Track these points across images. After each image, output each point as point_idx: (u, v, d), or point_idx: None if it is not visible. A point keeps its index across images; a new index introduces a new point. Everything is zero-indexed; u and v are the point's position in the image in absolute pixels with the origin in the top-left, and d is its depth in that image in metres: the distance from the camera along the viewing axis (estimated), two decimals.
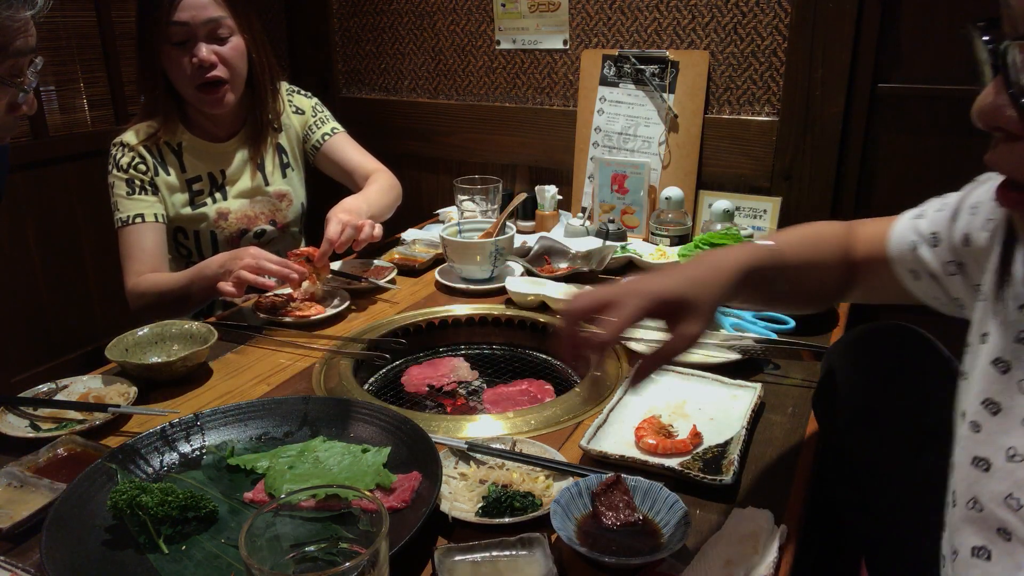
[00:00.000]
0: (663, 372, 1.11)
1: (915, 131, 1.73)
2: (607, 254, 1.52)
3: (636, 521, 0.77)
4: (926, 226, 0.83)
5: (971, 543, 0.63)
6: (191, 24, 1.42)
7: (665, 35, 1.92)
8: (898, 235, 0.87)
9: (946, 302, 0.83)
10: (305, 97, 1.75)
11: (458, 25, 2.22)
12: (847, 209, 1.82)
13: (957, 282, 0.79)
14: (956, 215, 0.79)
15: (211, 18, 1.44)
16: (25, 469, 0.88)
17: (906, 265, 0.86)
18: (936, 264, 0.81)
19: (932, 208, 0.84)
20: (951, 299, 0.82)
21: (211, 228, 1.59)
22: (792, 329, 1.21)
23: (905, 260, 0.86)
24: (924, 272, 0.83)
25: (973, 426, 0.65)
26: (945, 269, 0.80)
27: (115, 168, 1.52)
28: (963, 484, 0.65)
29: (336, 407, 0.98)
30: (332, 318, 1.37)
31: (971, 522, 0.63)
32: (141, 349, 1.19)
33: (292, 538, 0.62)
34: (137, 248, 1.50)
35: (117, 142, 1.54)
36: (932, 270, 0.82)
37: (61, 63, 2.13)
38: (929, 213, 0.84)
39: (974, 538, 0.63)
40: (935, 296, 0.84)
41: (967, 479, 0.65)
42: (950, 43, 1.66)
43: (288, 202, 1.68)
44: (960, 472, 0.66)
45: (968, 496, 0.64)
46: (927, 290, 0.85)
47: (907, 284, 0.87)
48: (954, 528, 0.66)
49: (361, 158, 1.74)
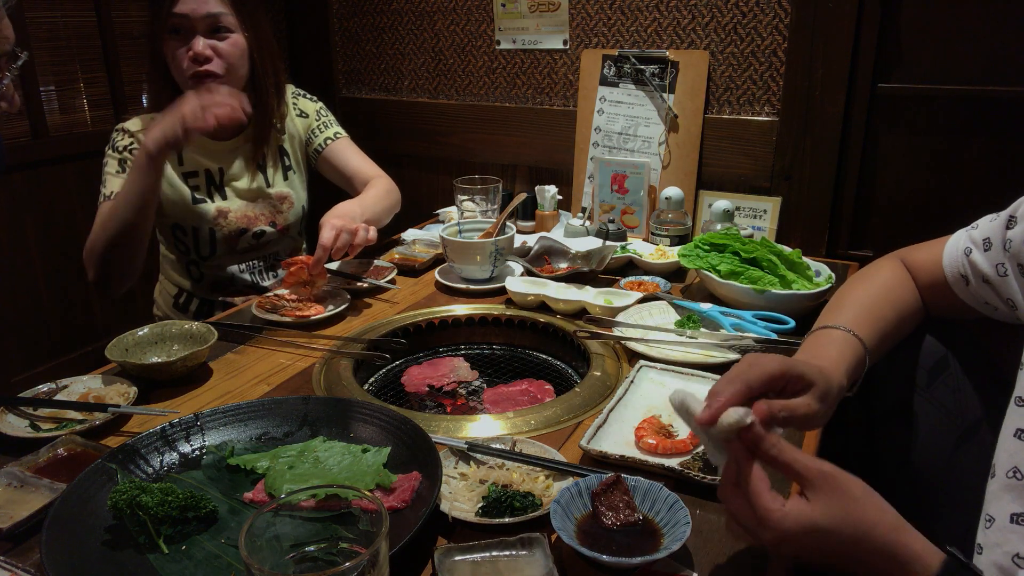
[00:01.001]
0: (664, 372, 1.11)
1: (915, 131, 1.73)
2: (607, 254, 1.52)
3: (636, 521, 0.77)
4: (978, 234, 0.90)
5: (1010, 510, 0.67)
6: (191, 17, 1.43)
7: (665, 35, 1.92)
8: (951, 248, 0.94)
9: (999, 304, 0.88)
10: (310, 101, 1.75)
11: (458, 25, 2.22)
12: (847, 209, 1.82)
13: (1010, 283, 0.85)
14: (1011, 222, 0.85)
15: (211, 13, 1.44)
16: (25, 469, 0.88)
17: (957, 272, 0.92)
18: (988, 267, 0.87)
19: (986, 220, 0.91)
20: (1003, 300, 0.87)
21: (210, 226, 1.59)
22: (792, 329, 1.21)
23: (956, 268, 0.92)
24: (975, 276, 0.89)
25: (1019, 401, 0.70)
26: (997, 271, 0.86)
27: (111, 149, 1.53)
28: (1005, 455, 0.69)
29: (336, 407, 0.98)
30: (332, 318, 1.37)
31: (1011, 490, 0.67)
32: (141, 349, 1.19)
33: (292, 538, 0.62)
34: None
35: (120, 127, 1.55)
36: (984, 272, 0.88)
37: (61, 63, 2.13)
38: (983, 223, 0.91)
39: (1013, 505, 0.67)
40: (986, 300, 0.90)
41: (1009, 450, 0.69)
42: (950, 43, 1.66)
43: (289, 204, 1.68)
44: (1003, 445, 0.70)
45: (1009, 466, 0.68)
46: (979, 294, 0.90)
47: (958, 291, 0.92)
48: (992, 497, 0.70)
49: (361, 163, 1.73)
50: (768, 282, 1.31)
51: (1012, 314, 0.87)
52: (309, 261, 1.37)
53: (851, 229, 1.84)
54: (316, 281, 1.42)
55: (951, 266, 0.92)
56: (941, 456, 0.91)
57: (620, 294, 1.37)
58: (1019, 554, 0.65)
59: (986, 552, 0.69)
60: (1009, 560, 0.66)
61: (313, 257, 1.36)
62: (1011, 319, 0.88)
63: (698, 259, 1.40)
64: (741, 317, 1.24)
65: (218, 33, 1.46)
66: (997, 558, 0.67)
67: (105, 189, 1.50)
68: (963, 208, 0.95)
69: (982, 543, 0.70)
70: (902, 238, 1.10)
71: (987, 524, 0.69)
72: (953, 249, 0.93)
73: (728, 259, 1.37)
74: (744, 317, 1.24)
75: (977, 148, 1.67)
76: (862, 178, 1.80)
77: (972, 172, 1.68)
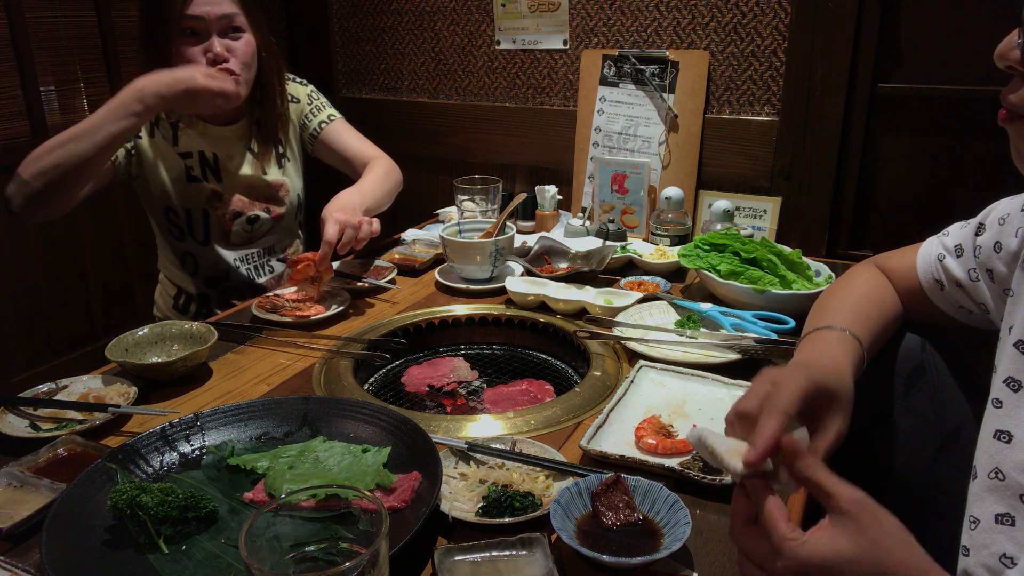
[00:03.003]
0: (664, 372, 1.11)
1: (915, 131, 1.73)
2: (607, 254, 1.52)
3: (636, 521, 0.77)
4: (950, 240, 0.91)
5: (994, 511, 0.67)
6: (206, 19, 1.43)
7: (665, 35, 1.92)
8: (924, 254, 0.95)
9: (972, 308, 0.90)
10: (300, 85, 1.74)
11: (458, 25, 2.22)
12: (847, 209, 1.82)
13: (981, 288, 0.86)
14: (979, 229, 0.87)
15: (225, 13, 1.44)
16: (25, 469, 0.88)
17: (931, 277, 0.93)
18: (961, 272, 0.89)
19: (956, 227, 0.93)
20: (976, 304, 0.89)
21: (203, 207, 1.58)
22: (792, 329, 1.21)
23: (930, 273, 0.93)
24: (949, 281, 0.91)
25: (996, 403, 0.70)
26: (969, 276, 0.88)
27: None
28: (985, 456, 0.70)
29: (336, 407, 0.98)
30: (332, 318, 1.37)
31: (993, 491, 0.68)
32: (141, 349, 1.19)
33: (292, 538, 0.62)
34: None
35: None
36: (957, 278, 0.89)
37: (61, 63, 2.14)
38: (953, 230, 0.93)
39: (997, 506, 0.67)
40: (960, 304, 0.91)
41: (989, 451, 0.69)
42: (950, 43, 1.66)
43: (284, 192, 1.68)
44: (983, 447, 0.71)
45: (990, 467, 0.69)
46: (953, 298, 0.92)
47: (933, 297, 0.94)
48: (975, 498, 0.70)
49: (359, 144, 1.72)
50: (768, 282, 1.31)
51: (985, 318, 0.88)
52: (315, 258, 1.37)
53: (851, 229, 1.84)
54: (323, 277, 1.42)
55: (925, 272, 0.94)
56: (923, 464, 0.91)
57: (620, 294, 1.37)
58: (1005, 554, 0.65)
59: (972, 554, 0.69)
60: (996, 560, 0.66)
61: (319, 254, 1.36)
62: (985, 323, 0.89)
63: (698, 259, 1.40)
64: (741, 317, 1.24)
65: (232, 33, 1.47)
66: (984, 559, 0.67)
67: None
68: (963, 208, 0.95)
69: (968, 545, 0.70)
70: (902, 238, 1.10)
71: (972, 526, 0.69)
72: (926, 255, 0.94)
73: (728, 259, 1.37)
74: (744, 317, 1.24)
75: (977, 148, 1.67)
76: (862, 178, 1.80)
77: (972, 172, 1.68)
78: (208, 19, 1.43)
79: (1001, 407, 0.70)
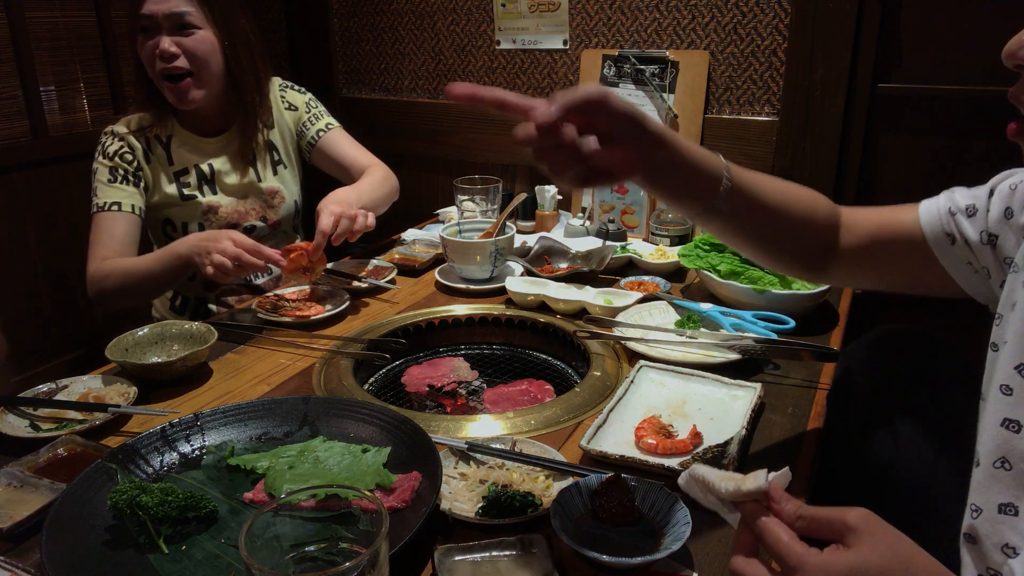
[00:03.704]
0: (664, 372, 1.11)
1: (915, 131, 1.73)
2: (607, 254, 1.52)
3: (636, 521, 0.77)
4: (961, 199, 0.87)
5: (998, 500, 0.66)
6: (155, 16, 1.44)
7: (665, 35, 1.92)
8: (929, 208, 0.89)
9: (977, 269, 0.85)
10: (298, 93, 1.74)
11: (458, 25, 2.22)
12: None
13: (988, 252, 0.83)
14: (992, 193, 0.84)
15: (174, 11, 1.45)
16: (25, 469, 0.88)
17: (941, 230, 0.87)
18: (972, 232, 0.84)
19: (961, 188, 0.88)
20: (979, 267, 0.85)
21: (200, 221, 1.59)
22: (792, 329, 1.21)
23: (939, 226, 0.88)
24: (961, 238, 0.86)
25: (1005, 389, 0.68)
26: (980, 238, 0.84)
27: (101, 155, 1.53)
28: (991, 444, 0.68)
29: (336, 407, 0.98)
30: (332, 318, 1.37)
31: (998, 480, 0.67)
32: (141, 349, 1.19)
33: (292, 538, 0.62)
34: (107, 234, 1.50)
35: (108, 130, 1.55)
36: (968, 237, 0.85)
37: (61, 63, 2.14)
38: (959, 191, 0.88)
39: (1001, 495, 0.66)
40: (969, 261, 0.86)
41: (995, 439, 0.68)
42: (950, 43, 1.66)
43: (280, 199, 1.68)
44: (988, 433, 0.69)
45: (996, 456, 0.67)
46: (961, 256, 0.86)
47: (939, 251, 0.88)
48: (978, 486, 0.69)
49: (357, 153, 1.73)
50: (768, 282, 1.31)
51: (986, 283, 0.85)
52: (309, 247, 1.37)
53: None
54: (316, 267, 1.41)
55: (932, 225, 0.88)
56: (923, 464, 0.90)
57: (620, 294, 1.37)
58: (1008, 544, 0.65)
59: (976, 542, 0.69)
60: (999, 551, 0.66)
61: (313, 243, 1.36)
62: (983, 294, 0.85)
63: (698, 259, 1.40)
64: (741, 317, 1.24)
65: (184, 30, 1.47)
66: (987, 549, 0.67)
67: (97, 199, 1.51)
68: None
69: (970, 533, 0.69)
70: None
71: (973, 514, 0.69)
72: (933, 209, 0.89)
73: (728, 259, 1.37)
74: (744, 317, 1.24)
75: (977, 148, 1.67)
76: (862, 178, 1.80)
77: (972, 172, 1.67)
78: (158, 16, 1.44)
79: (1011, 395, 0.67)
